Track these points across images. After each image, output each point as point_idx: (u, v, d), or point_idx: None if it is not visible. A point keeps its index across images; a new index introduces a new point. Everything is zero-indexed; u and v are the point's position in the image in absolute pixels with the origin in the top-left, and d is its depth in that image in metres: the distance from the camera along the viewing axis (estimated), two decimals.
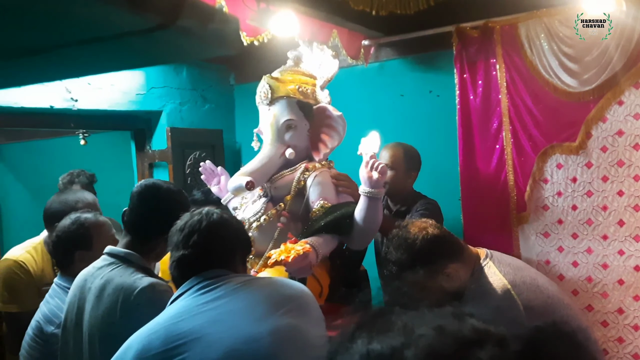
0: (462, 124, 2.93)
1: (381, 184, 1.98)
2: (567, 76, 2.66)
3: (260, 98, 2.23)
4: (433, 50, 3.12)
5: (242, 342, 1.28)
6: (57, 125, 3.11)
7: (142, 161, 3.53)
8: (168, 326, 1.31)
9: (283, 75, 2.25)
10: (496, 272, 1.66)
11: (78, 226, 1.95)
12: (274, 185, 2.20)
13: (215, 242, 1.44)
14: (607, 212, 2.64)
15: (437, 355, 0.56)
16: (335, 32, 2.91)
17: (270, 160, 2.17)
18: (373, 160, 1.99)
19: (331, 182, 2.19)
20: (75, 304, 1.67)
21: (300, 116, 2.21)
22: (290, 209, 2.15)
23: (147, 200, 1.73)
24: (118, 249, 1.72)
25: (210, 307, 1.34)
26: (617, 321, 2.63)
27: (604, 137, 2.63)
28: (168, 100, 3.44)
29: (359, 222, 2.02)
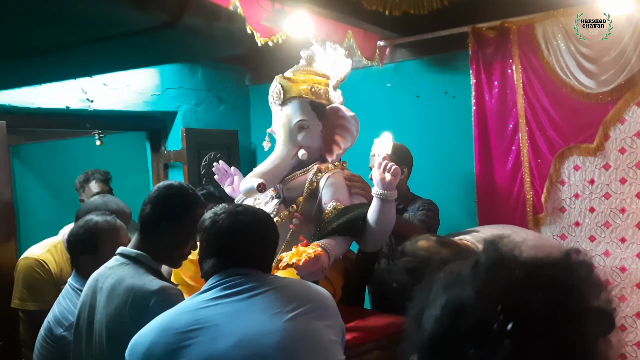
0: (478, 125, 2.90)
1: (394, 186, 1.97)
2: (585, 77, 2.62)
3: (273, 98, 2.22)
4: (449, 51, 3.10)
5: (253, 335, 1.31)
6: (73, 126, 3.15)
7: (157, 162, 3.56)
8: (191, 311, 1.37)
9: (295, 75, 2.24)
10: None
11: (85, 231, 1.98)
12: (287, 186, 2.18)
13: (246, 240, 1.45)
14: (625, 214, 2.59)
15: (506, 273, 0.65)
16: (350, 32, 2.91)
17: (283, 161, 2.16)
18: (386, 161, 1.98)
19: (344, 183, 2.17)
20: (88, 304, 1.69)
21: (313, 116, 2.19)
22: (303, 210, 2.13)
23: (160, 202, 1.71)
24: (130, 249, 1.72)
25: (233, 299, 1.38)
26: (636, 325, 2.58)
27: (622, 138, 2.59)
28: (183, 101, 3.46)
29: (372, 223, 2.01)
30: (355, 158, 2.39)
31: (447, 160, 3.16)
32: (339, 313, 1.48)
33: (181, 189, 1.75)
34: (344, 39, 2.89)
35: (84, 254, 1.97)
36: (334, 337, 1.43)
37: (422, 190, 3.28)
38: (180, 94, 3.45)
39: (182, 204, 1.72)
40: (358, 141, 2.28)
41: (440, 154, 3.20)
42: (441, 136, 3.19)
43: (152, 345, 1.33)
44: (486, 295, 0.64)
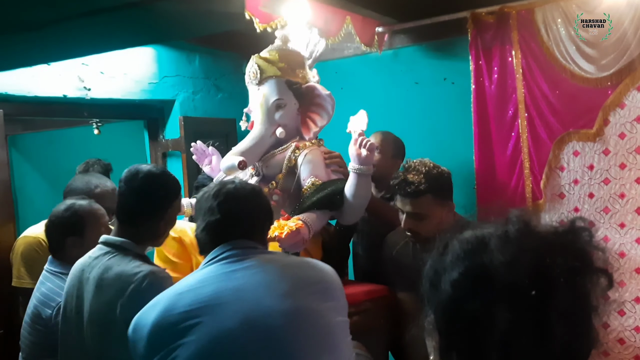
0: (477, 112, 2.89)
1: (370, 161, 2.04)
2: (585, 62, 2.60)
3: (250, 78, 2.27)
4: (448, 37, 3.09)
5: (258, 315, 1.30)
6: (70, 115, 3.12)
7: (155, 150, 3.55)
8: (195, 289, 1.35)
9: (272, 55, 2.26)
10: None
11: (71, 213, 1.97)
12: (266, 164, 2.25)
13: (249, 211, 1.47)
14: (624, 199, 2.59)
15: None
16: (348, 18, 2.89)
17: (262, 139, 2.21)
18: (362, 137, 2.05)
19: (322, 159, 2.23)
20: (74, 294, 1.68)
21: (290, 95, 2.24)
22: (282, 186, 2.21)
23: (133, 186, 1.70)
24: (113, 237, 1.71)
25: (237, 276, 1.36)
26: (635, 310, 2.59)
27: (622, 123, 2.58)
28: (181, 89, 3.44)
29: (349, 198, 2.09)
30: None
31: (447, 146, 3.16)
32: (343, 291, 1.47)
33: (149, 169, 1.74)
34: (342, 25, 2.86)
35: (70, 235, 1.97)
36: (340, 318, 1.42)
37: None
38: (178, 82, 3.43)
39: (163, 190, 1.73)
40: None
41: (439, 141, 3.20)
42: (440, 122, 3.18)
43: (156, 326, 1.31)
44: (517, 261, 0.69)
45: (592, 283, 0.72)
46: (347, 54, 3.45)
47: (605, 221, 2.64)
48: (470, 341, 0.71)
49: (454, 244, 0.76)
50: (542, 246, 0.71)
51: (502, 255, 0.70)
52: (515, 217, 0.74)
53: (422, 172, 2.08)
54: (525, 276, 0.68)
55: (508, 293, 0.68)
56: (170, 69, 3.37)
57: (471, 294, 0.71)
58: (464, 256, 0.73)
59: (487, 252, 0.71)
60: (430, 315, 0.76)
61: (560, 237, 0.73)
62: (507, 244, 0.71)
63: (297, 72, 2.28)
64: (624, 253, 2.60)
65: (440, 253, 0.77)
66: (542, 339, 0.67)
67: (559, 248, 0.71)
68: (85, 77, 2.91)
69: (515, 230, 0.72)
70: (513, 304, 0.68)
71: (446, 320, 0.74)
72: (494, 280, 0.69)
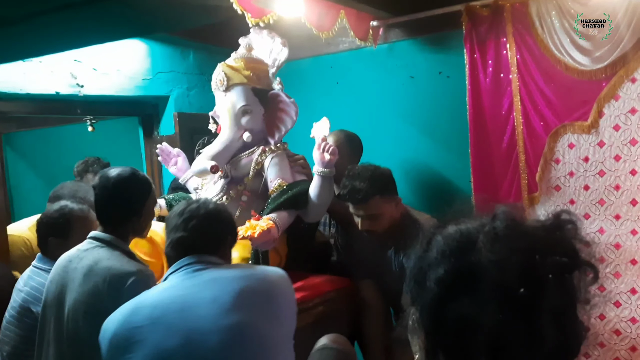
0: (472, 105, 2.89)
1: (332, 164, 2.22)
2: (579, 54, 2.60)
3: (217, 85, 2.38)
4: (443, 31, 3.07)
5: (199, 334, 1.37)
6: (63, 112, 3.10)
7: (150, 147, 3.53)
8: (151, 304, 1.44)
9: (237, 63, 2.39)
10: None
11: (60, 215, 2.06)
12: (234, 166, 2.38)
13: (210, 228, 1.58)
14: (619, 191, 2.60)
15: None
16: (342, 12, 2.87)
17: (230, 143, 2.34)
18: (325, 142, 2.21)
19: (287, 162, 2.39)
20: (59, 283, 1.76)
21: (255, 102, 2.37)
22: (250, 188, 2.35)
23: (107, 191, 1.81)
24: (101, 233, 1.81)
25: (188, 292, 1.45)
26: (630, 301, 2.60)
27: (616, 115, 2.59)
28: (175, 85, 3.43)
29: (314, 198, 2.26)
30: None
31: (442, 140, 3.16)
32: (292, 298, 1.56)
33: (129, 176, 1.85)
34: (336, 19, 2.85)
35: (54, 236, 2.04)
36: (284, 329, 1.49)
37: (417, 170, 3.29)
38: (172, 78, 3.41)
39: (135, 189, 1.85)
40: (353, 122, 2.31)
41: (434, 134, 3.20)
42: (436, 116, 3.18)
43: (115, 336, 1.41)
44: (507, 260, 0.68)
45: (579, 278, 0.71)
46: (342, 48, 3.44)
47: (600, 213, 2.65)
48: (457, 340, 0.69)
49: (438, 239, 0.74)
50: (532, 244, 0.70)
51: (492, 253, 0.68)
52: (502, 213, 0.72)
53: (367, 177, 2.25)
54: (515, 275, 0.67)
55: (497, 292, 0.67)
56: (164, 65, 3.35)
57: (458, 292, 0.69)
58: (450, 253, 0.71)
59: (475, 251, 0.69)
60: (415, 314, 0.75)
61: (548, 234, 0.72)
62: (496, 242, 0.69)
63: (262, 79, 2.42)
64: (619, 244, 2.61)
65: (424, 249, 0.75)
66: (531, 337, 0.66)
67: (547, 245, 0.70)
68: (78, 73, 2.89)
69: (503, 227, 0.70)
70: (502, 303, 0.67)
71: (432, 319, 0.72)
72: (483, 279, 0.67)
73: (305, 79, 3.57)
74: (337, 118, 3.47)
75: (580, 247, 0.72)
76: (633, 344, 2.61)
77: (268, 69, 2.48)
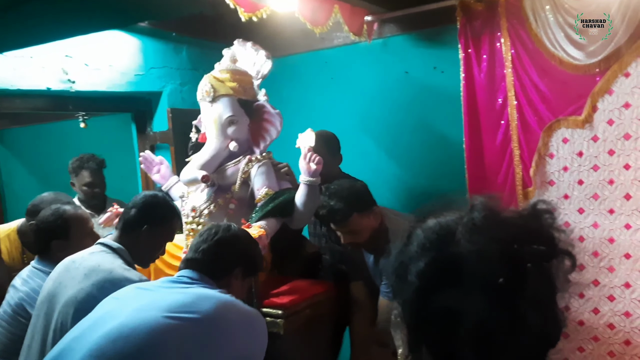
0: (467, 100, 2.89)
1: (318, 173, 2.30)
2: (573, 48, 2.60)
3: (203, 95, 2.44)
4: (437, 26, 3.07)
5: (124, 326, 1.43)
6: (55, 108, 3.06)
7: (143, 143, 3.50)
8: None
9: (223, 75, 2.45)
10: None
11: (56, 217, 2.10)
12: (220, 175, 2.44)
13: (219, 255, 1.67)
14: (613, 186, 2.60)
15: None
16: (336, 7, 2.86)
17: (218, 153, 2.42)
18: (310, 153, 2.30)
19: (273, 171, 2.46)
20: (57, 280, 1.81)
21: (241, 112, 2.43)
22: (238, 196, 2.42)
23: (145, 208, 1.95)
24: (111, 241, 1.91)
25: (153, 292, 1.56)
26: (624, 295, 2.61)
27: (610, 110, 2.59)
28: (168, 81, 3.40)
29: (299, 206, 2.34)
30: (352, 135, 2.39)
31: (437, 135, 3.15)
32: (261, 339, 1.59)
33: (165, 199, 2.06)
34: (330, 14, 2.84)
35: (56, 239, 2.08)
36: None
37: (412, 166, 3.29)
38: (165, 73, 3.38)
39: (165, 213, 2.00)
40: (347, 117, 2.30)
41: (429, 129, 3.19)
42: (430, 111, 3.17)
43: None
44: (486, 250, 0.68)
45: (557, 266, 0.72)
46: (337, 43, 3.43)
47: (594, 207, 2.65)
48: (439, 332, 0.70)
49: (418, 233, 0.75)
50: (510, 233, 0.70)
51: (471, 244, 0.69)
52: (479, 204, 0.73)
53: (343, 196, 2.32)
54: (495, 264, 0.68)
55: (478, 282, 0.67)
56: (156, 60, 3.32)
57: (440, 284, 0.70)
58: (430, 246, 0.72)
59: (454, 242, 0.70)
60: (398, 308, 0.75)
61: (525, 222, 0.72)
62: (475, 233, 0.70)
63: (247, 90, 2.48)
64: (614, 239, 2.62)
65: (405, 243, 0.76)
66: (512, 325, 0.67)
67: (525, 234, 0.71)
68: (69, 69, 2.86)
69: (481, 218, 0.71)
70: (483, 293, 0.67)
71: (414, 313, 0.73)
72: (463, 270, 0.68)
73: (299, 75, 3.56)
74: (332, 113, 3.47)
75: (558, 236, 0.72)
76: (627, 338, 2.62)
77: (252, 80, 2.55)
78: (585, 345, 2.72)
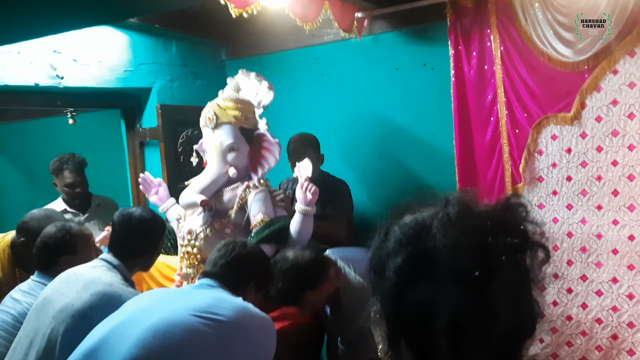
0: (457, 97, 2.90)
1: (314, 203, 2.38)
2: (562, 45, 2.62)
3: (205, 122, 2.51)
4: (427, 22, 3.07)
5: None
6: (43, 104, 3.02)
7: (132, 140, 3.48)
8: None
9: (226, 103, 2.52)
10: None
11: (65, 233, 2.16)
12: (218, 200, 2.50)
13: (236, 270, 1.78)
14: (601, 182, 2.63)
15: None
16: (327, 3, 2.85)
17: (217, 178, 2.48)
18: (307, 182, 2.38)
19: (269, 198, 2.52)
20: (55, 288, 1.88)
21: (242, 140, 2.50)
22: (234, 221, 2.47)
23: (127, 227, 2.05)
24: (112, 257, 2.01)
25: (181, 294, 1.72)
26: (612, 290, 2.64)
27: (598, 107, 2.61)
28: (157, 77, 3.38)
29: (294, 234, 2.40)
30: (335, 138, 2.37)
31: (427, 132, 3.16)
32: (273, 344, 1.69)
33: (159, 218, 2.19)
34: (320, 11, 2.83)
35: (66, 254, 2.13)
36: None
37: (402, 162, 3.29)
38: (154, 69, 3.36)
39: (158, 233, 2.13)
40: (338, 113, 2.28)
41: (419, 126, 3.20)
42: (420, 108, 3.18)
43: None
44: (460, 243, 0.69)
45: (531, 258, 0.73)
46: (327, 39, 3.42)
47: (583, 203, 2.68)
48: (418, 327, 0.71)
49: (395, 229, 0.75)
50: (483, 226, 0.71)
51: (445, 238, 0.70)
52: (454, 198, 0.74)
53: (292, 276, 2.13)
54: (469, 258, 0.68)
55: (453, 276, 0.68)
56: (146, 56, 3.30)
57: (416, 279, 0.70)
58: (407, 241, 0.73)
59: (430, 236, 0.71)
60: (376, 304, 0.76)
61: (498, 215, 0.73)
62: (450, 227, 0.71)
63: (249, 119, 2.55)
64: (601, 234, 2.65)
65: (382, 240, 0.77)
66: (489, 318, 0.68)
67: (498, 227, 0.71)
68: (57, 65, 2.83)
69: (455, 212, 0.72)
70: (459, 287, 0.68)
71: (393, 309, 0.73)
72: (439, 264, 0.69)
73: (290, 71, 3.55)
74: (322, 109, 3.47)
75: (531, 228, 0.74)
76: (614, 332, 2.65)
77: (254, 109, 2.61)
78: (574, 339, 2.75)
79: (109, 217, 3.45)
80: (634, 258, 2.58)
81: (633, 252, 2.58)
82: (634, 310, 2.60)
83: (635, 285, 2.59)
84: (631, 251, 2.58)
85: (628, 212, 2.58)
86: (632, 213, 2.57)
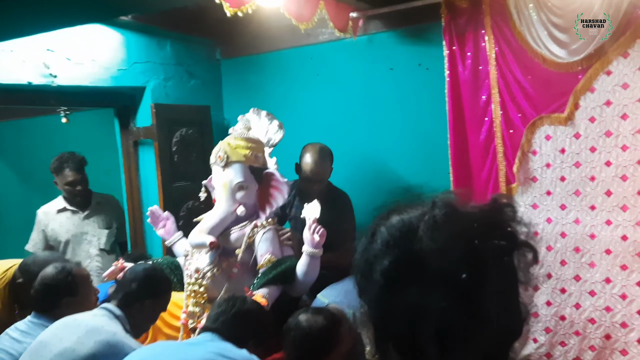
0: (451, 97, 2.90)
1: (321, 245, 2.40)
2: (556, 46, 2.63)
3: (216, 160, 2.52)
4: (422, 23, 3.08)
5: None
6: (36, 103, 3.01)
7: (126, 139, 3.46)
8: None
9: (237, 141, 2.54)
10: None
11: (66, 274, 2.14)
12: (226, 239, 2.51)
13: (236, 327, 1.84)
14: (595, 182, 2.64)
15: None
16: (322, 3, 2.85)
17: (226, 217, 2.49)
18: (315, 224, 2.40)
19: (277, 238, 2.54)
20: (54, 332, 1.88)
21: (251, 179, 2.51)
22: (241, 260, 2.48)
23: (134, 282, 2.06)
24: (115, 308, 2.01)
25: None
26: (605, 290, 2.65)
27: (592, 107, 2.62)
28: (151, 76, 3.36)
29: (300, 275, 2.44)
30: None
31: (421, 132, 3.17)
32: None
33: (163, 273, 2.24)
34: (315, 10, 2.83)
35: (68, 295, 2.12)
36: None
37: (397, 162, 3.29)
38: (149, 68, 3.34)
39: (164, 287, 2.15)
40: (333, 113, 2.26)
41: (414, 126, 3.20)
42: (415, 108, 3.18)
43: None
44: (448, 246, 0.69)
45: (519, 259, 0.72)
46: (322, 39, 3.42)
47: (576, 204, 2.69)
48: (405, 330, 0.70)
49: (382, 230, 0.74)
50: (470, 229, 0.71)
51: (433, 241, 0.69)
52: (440, 200, 0.73)
53: (308, 347, 1.93)
54: (457, 261, 0.68)
55: (441, 279, 0.68)
56: (140, 55, 3.28)
57: (404, 282, 0.70)
58: (394, 243, 0.72)
59: (417, 239, 0.70)
60: (364, 307, 0.75)
61: (485, 217, 0.72)
62: (436, 230, 0.70)
63: (259, 158, 2.56)
64: (594, 235, 2.66)
65: (369, 241, 0.76)
66: (476, 321, 0.68)
67: (486, 229, 0.71)
68: (50, 63, 2.81)
69: (442, 215, 0.71)
70: (446, 290, 0.68)
71: (380, 311, 0.73)
72: (426, 267, 0.69)
73: (284, 70, 3.55)
74: (317, 109, 3.46)
75: (519, 229, 0.73)
76: (607, 332, 2.66)
77: (264, 148, 2.64)
78: (567, 339, 2.76)
79: (109, 215, 3.49)
80: (627, 258, 2.59)
81: (626, 252, 2.59)
82: (627, 310, 2.61)
83: (628, 286, 2.60)
84: (624, 251, 2.59)
85: (621, 212, 2.59)
86: (625, 213, 2.58)
